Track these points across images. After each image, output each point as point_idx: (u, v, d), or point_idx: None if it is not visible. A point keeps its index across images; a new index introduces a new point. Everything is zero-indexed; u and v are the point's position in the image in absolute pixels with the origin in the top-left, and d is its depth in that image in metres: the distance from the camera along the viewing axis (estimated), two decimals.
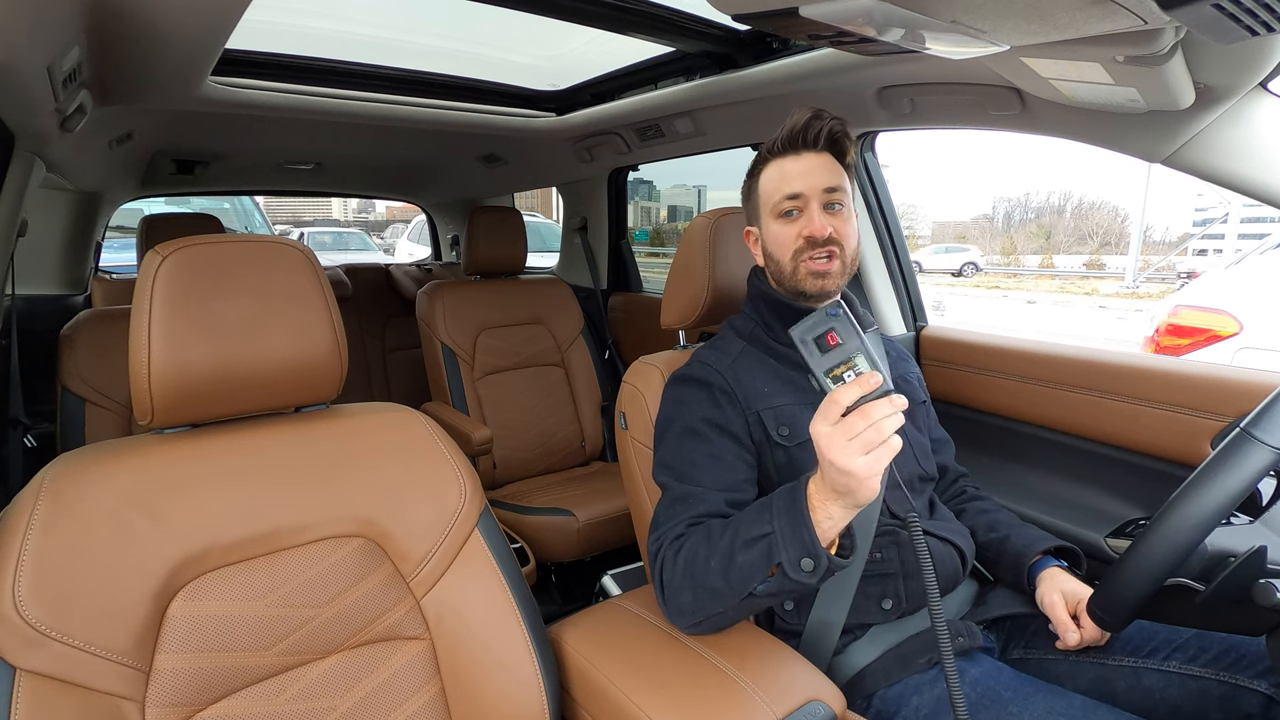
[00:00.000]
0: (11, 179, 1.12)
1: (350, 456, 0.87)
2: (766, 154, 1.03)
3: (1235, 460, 0.75)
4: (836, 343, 0.72)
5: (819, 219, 0.97)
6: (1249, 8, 0.56)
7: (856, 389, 0.70)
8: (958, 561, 1.00)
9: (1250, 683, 0.84)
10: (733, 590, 0.81)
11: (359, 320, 2.88)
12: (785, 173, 1.00)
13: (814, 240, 0.96)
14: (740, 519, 0.83)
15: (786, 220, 1.00)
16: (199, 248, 0.79)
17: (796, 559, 0.75)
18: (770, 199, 1.01)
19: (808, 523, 0.75)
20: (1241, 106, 0.95)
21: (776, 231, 1.01)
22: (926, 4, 0.66)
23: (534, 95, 2.01)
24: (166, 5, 0.95)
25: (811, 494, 0.76)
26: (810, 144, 0.99)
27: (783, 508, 0.79)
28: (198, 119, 1.73)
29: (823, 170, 0.98)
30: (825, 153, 1.00)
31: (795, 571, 0.76)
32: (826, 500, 0.75)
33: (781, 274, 1.01)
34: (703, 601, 0.84)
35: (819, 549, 0.75)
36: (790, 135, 1.00)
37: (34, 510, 0.69)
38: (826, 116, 0.98)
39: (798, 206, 0.98)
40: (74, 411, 1.60)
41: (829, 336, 0.72)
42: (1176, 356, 2.79)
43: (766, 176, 1.03)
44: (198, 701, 0.72)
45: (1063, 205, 49.23)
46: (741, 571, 0.79)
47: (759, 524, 0.80)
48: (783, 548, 0.76)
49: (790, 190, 0.98)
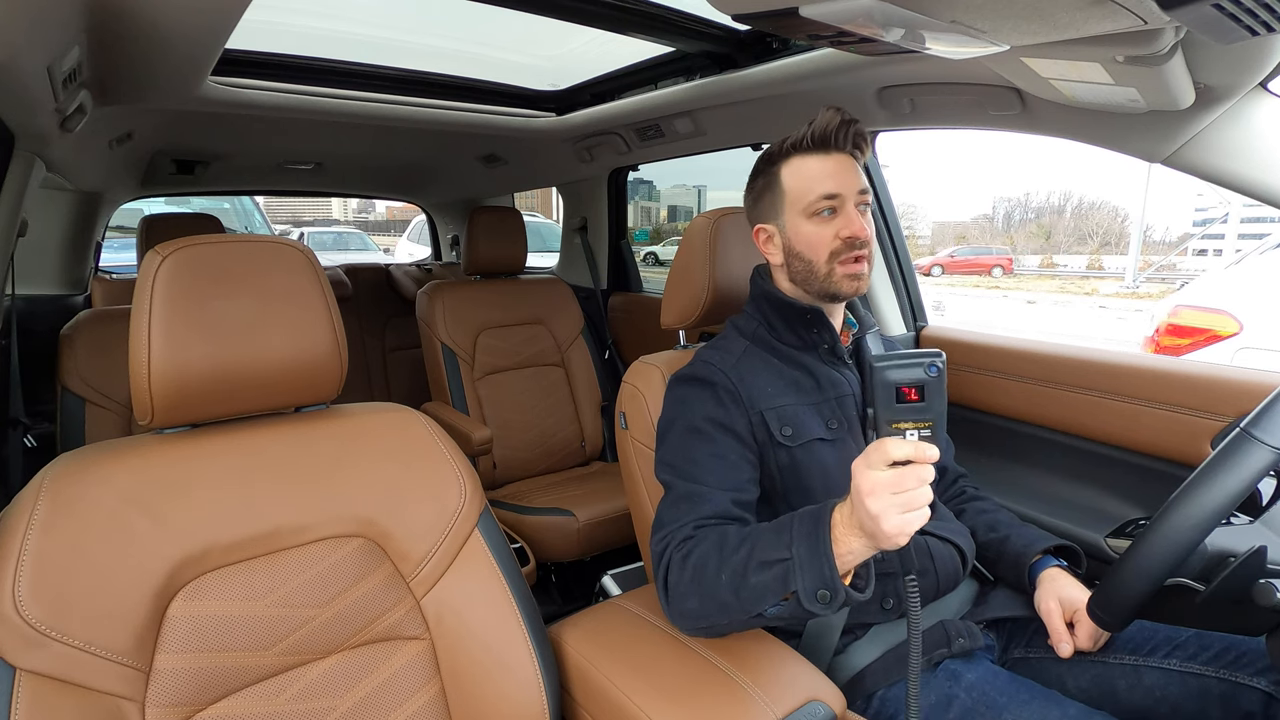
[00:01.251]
0: (11, 179, 1.12)
1: (350, 456, 0.87)
2: (790, 149, 1.00)
3: (1235, 460, 0.75)
4: (918, 400, 0.66)
5: (858, 219, 0.96)
6: (1249, 8, 0.56)
7: (913, 449, 0.66)
8: (958, 561, 1.00)
9: (1250, 680, 0.84)
10: (742, 608, 0.80)
11: (359, 320, 2.88)
12: (817, 172, 0.98)
13: (854, 242, 0.95)
14: (757, 536, 0.81)
15: (821, 220, 0.97)
16: (199, 248, 0.79)
17: (813, 590, 0.74)
18: (803, 197, 0.98)
19: (829, 554, 0.73)
20: (1241, 106, 0.95)
21: (809, 231, 0.98)
22: (926, 4, 0.66)
23: (534, 95, 2.01)
24: (166, 5, 0.95)
25: (836, 523, 0.74)
26: (840, 144, 0.98)
27: (803, 534, 0.76)
28: (198, 119, 1.73)
29: (855, 171, 0.98)
30: (850, 154, 0.99)
31: (811, 602, 0.74)
32: (850, 534, 0.73)
33: (812, 275, 0.99)
34: (709, 611, 0.84)
35: (837, 582, 0.73)
36: (823, 134, 0.98)
37: (34, 510, 0.69)
38: (851, 119, 0.97)
39: (833, 206, 0.97)
40: (74, 411, 1.60)
41: (912, 392, 0.66)
42: (1176, 356, 2.79)
43: (793, 173, 1.00)
44: (198, 701, 0.72)
45: (1063, 205, 49.23)
46: (754, 592, 0.78)
47: (777, 547, 0.77)
48: (799, 576, 0.74)
49: (827, 190, 0.97)
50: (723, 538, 0.84)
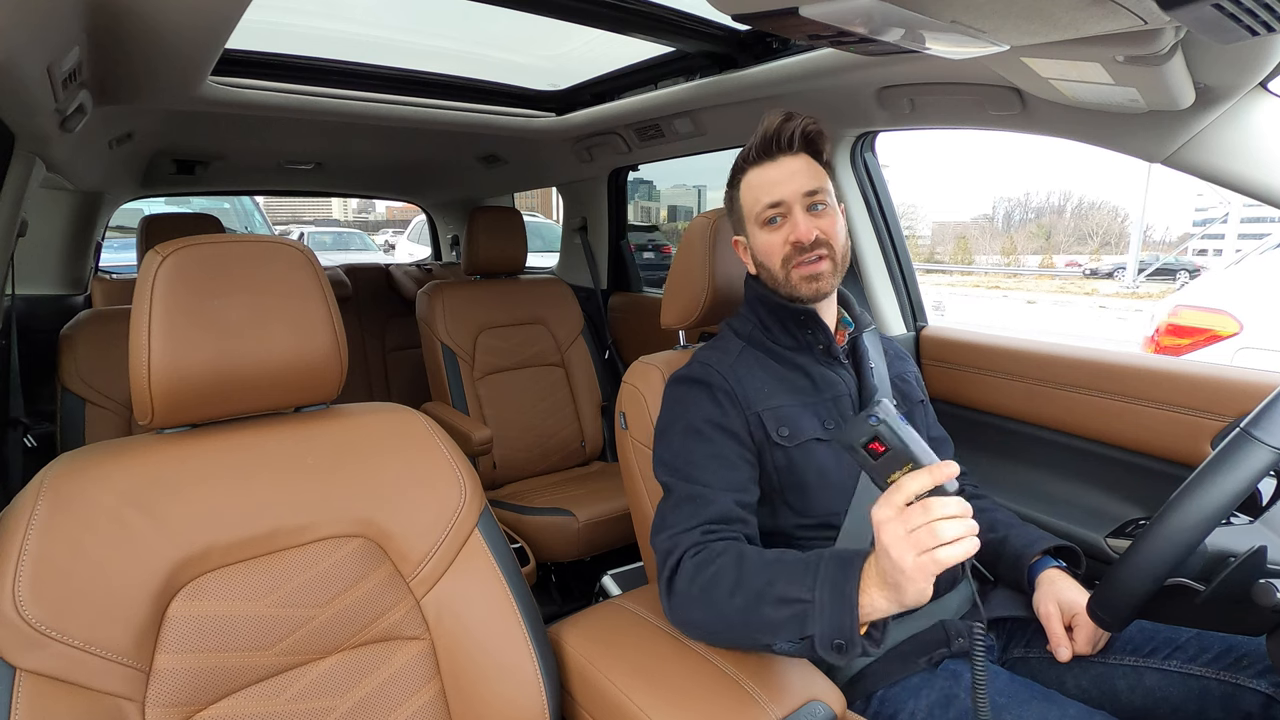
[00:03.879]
0: (11, 179, 1.12)
1: (350, 457, 0.87)
2: (743, 163, 1.03)
3: (1235, 460, 0.75)
4: (885, 450, 0.69)
5: (804, 223, 0.96)
6: (1249, 8, 0.56)
7: (927, 478, 0.66)
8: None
9: (1250, 682, 0.84)
10: (749, 635, 0.79)
11: (359, 320, 2.88)
12: (764, 180, 0.99)
13: (801, 245, 0.96)
14: (780, 568, 0.79)
15: (771, 228, 0.99)
16: (199, 248, 0.79)
17: (830, 638, 0.72)
18: (753, 208, 1.01)
19: (853, 605, 0.72)
20: (1241, 106, 0.95)
21: (764, 240, 1.00)
22: (926, 4, 0.66)
23: (534, 95, 2.01)
24: (166, 5, 0.95)
25: (864, 576, 0.73)
26: (786, 147, 0.98)
27: (828, 579, 0.75)
28: (198, 119, 1.73)
29: (802, 174, 0.98)
30: (802, 154, 0.99)
31: (825, 650, 0.73)
32: (873, 586, 0.72)
33: (775, 281, 1.01)
34: (714, 628, 0.83)
35: (856, 634, 0.72)
36: (764, 141, 0.99)
37: (34, 510, 0.69)
38: (798, 117, 0.98)
39: (780, 213, 0.98)
40: (74, 411, 1.60)
41: (876, 444, 0.69)
42: (1176, 356, 2.79)
43: (746, 185, 1.02)
44: (198, 701, 0.72)
45: (1063, 205, 49.26)
46: (766, 625, 0.77)
47: (799, 586, 0.76)
48: (818, 622, 0.73)
49: (771, 198, 0.98)
50: (741, 558, 0.82)
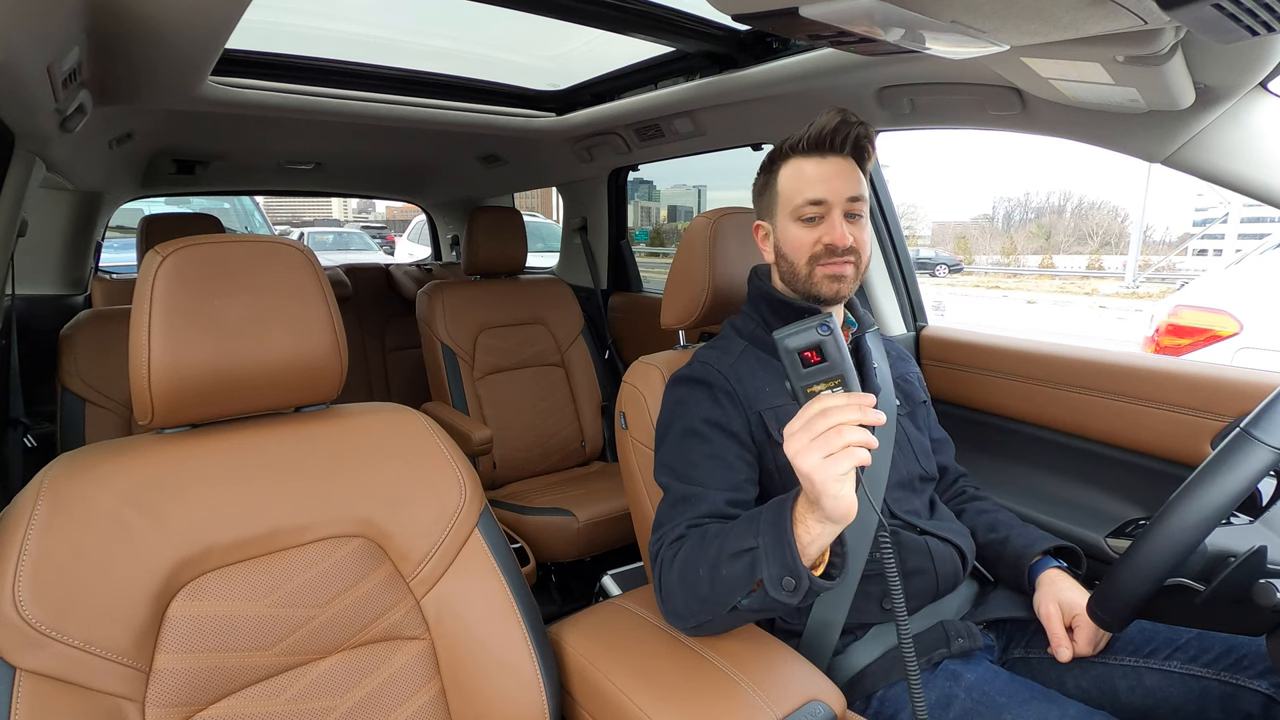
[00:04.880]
0: (11, 179, 1.12)
1: (350, 456, 0.87)
2: (789, 150, 1.00)
3: (1235, 460, 0.75)
4: (819, 361, 0.69)
5: (841, 227, 0.95)
6: (1249, 8, 0.56)
7: (846, 400, 0.68)
8: (958, 562, 1.00)
9: (1251, 683, 0.84)
10: (718, 601, 0.80)
11: (359, 320, 2.88)
12: (809, 175, 0.97)
13: (834, 249, 0.95)
14: (731, 529, 0.81)
15: (806, 225, 0.97)
16: (199, 248, 0.79)
17: (778, 577, 0.74)
18: (791, 200, 0.98)
19: (790, 540, 0.73)
20: (1241, 106, 0.95)
21: (795, 234, 0.98)
22: (926, 4, 0.66)
23: (534, 95, 2.01)
24: (166, 5, 0.95)
25: (797, 508, 0.75)
26: (837, 148, 0.97)
27: (769, 522, 0.77)
28: (198, 119, 1.73)
29: (847, 177, 0.96)
30: (849, 158, 0.97)
31: (776, 590, 0.74)
32: (806, 514, 0.73)
33: (794, 275, 0.99)
34: (693, 608, 0.84)
35: (800, 567, 0.73)
36: (818, 137, 0.96)
37: (34, 510, 0.69)
38: (854, 121, 0.96)
39: (820, 213, 0.96)
40: (74, 411, 1.60)
41: (812, 354, 0.70)
42: (1176, 356, 2.79)
43: (787, 175, 0.99)
44: (198, 701, 0.72)
45: (1063, 205, 49.29)
46: (726, 584, 0.78)
47: (745, 537, 0.78)
48: (765, 564, 0.74)
49: (814, 195, 0.96)
50: (704, 534, 0.84)
